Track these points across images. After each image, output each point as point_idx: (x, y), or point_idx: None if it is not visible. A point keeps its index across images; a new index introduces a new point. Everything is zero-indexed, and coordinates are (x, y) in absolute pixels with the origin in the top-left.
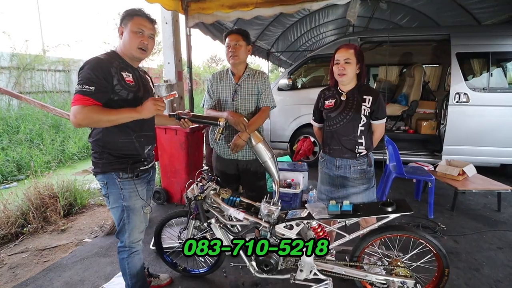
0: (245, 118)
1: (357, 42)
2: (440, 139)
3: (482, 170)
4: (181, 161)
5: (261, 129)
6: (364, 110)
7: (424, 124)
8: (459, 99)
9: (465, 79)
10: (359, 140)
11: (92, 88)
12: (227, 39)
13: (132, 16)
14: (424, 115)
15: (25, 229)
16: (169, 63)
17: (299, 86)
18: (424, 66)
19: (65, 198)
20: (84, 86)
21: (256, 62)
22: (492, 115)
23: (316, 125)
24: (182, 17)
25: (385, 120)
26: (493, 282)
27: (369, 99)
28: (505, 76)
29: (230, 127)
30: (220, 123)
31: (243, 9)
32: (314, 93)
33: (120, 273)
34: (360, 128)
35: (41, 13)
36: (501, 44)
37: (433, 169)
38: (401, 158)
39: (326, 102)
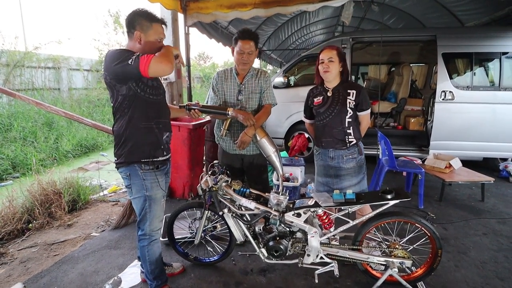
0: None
1: (349, 42)
2: (427, 135)
3: (466, 163)
4: (183, 156)
5: (264, 125)
6: (350, 103)
7: (412, 121)
8: (444, 97)
9: (450, 78)
10: (348, 131)
11: (133, 56)
12: (240, 43)
13: (151, 22)
14: (412, 112)
15: (30, 224)
16: None
17: (293, 84)
18: (411, 65)
19: (69, 194)
20: (130, 57)
21: None
22: (475, 112)
23: (307, 121)
24: (180, 16)
25: (369, 111)
26: (479, 264)
27: (353, 93)
28: (487, 75)
29: (235, 124)
30: (229, 112)
31: (241, 9)
32: (308, 91)
33: (133, 264)
34: (347, 120)
35: (25, 10)
36: (483, 45)
37: (421, 162)
38: None
39: (315, 99)
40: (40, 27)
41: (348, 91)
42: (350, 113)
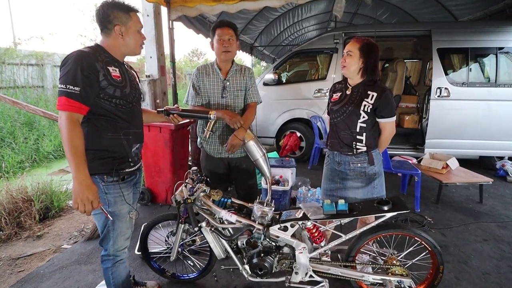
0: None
1: (342, 37)
2: (422, 133)
3: (462, 162)
4: (165, 159)
5: (251, 128)
6: (365, 106)
7: (407, 118)
8: (440, 94)
9: (446, 74)
10: (358, 137)
11: (77, 88)
12: (218, 31)
13: (128, 12)
14: (407, 109)
15: None
16: (151, 57)
17: (284, 81)
18: (405, 61)
19: (40, 201)
20: (68, 86)
21: (239, 56)
22: (471, 109)
23: (328, 117)
24: (164, 10)
25: (393, 119)
26: (481, 275)
27: (372, 95)
28: (483, 71)
29: (220, 125)
30: (211, 116)
31: (228, 2)
32: (300, 87)
33: (103, 282)
34: (359, 125)
35: (11, 3)
36: (479, 40)
37: (416, 162)
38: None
39: (334, 95)
40: (25, 22)
41: (369, 92)
42: (364, 117)
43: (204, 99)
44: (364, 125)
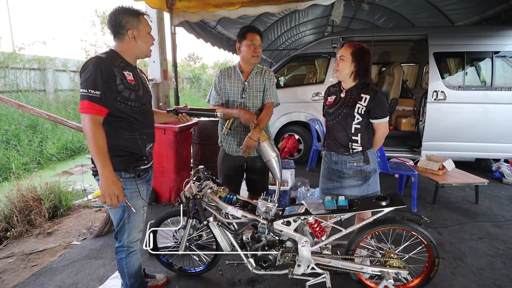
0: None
1: (340, 42)
2: (419, 135)
3: (459, 164)
4: (169, 160)
5: (268, 129)
6: (359, 108)
7: (404, 121)
8: (436, 97)
9: (442, 78)
10: (353, 138)
11: (97, 92)
12: (250, 36)
13: (138, 16)
14: (404, 113)
15: (8, 233)
16: (154, 61)
17: (282, 85)
18: (402, 65)
19: (49, 201)
20: (90, 90)
21: (235, 59)
22: (467, 112)
23: (324, 120)
24: (166, 16)
25: (385, 119)
26: (476, 271)
27: (366, 98)
28: (479, 75)
29: (239, 124)
30: (218, 114)
31: (228, 8)
32: (298, 91)
33: (114, 275)
34: (354, 126)
35: (11, 9)
36: (475, 44)
37: (413, 164)
38: None
39: (328, 98)
40: (26, 27)
41: (362, 95)
42: (358, 119)
43: (224, 99)
44: (359, 126)
